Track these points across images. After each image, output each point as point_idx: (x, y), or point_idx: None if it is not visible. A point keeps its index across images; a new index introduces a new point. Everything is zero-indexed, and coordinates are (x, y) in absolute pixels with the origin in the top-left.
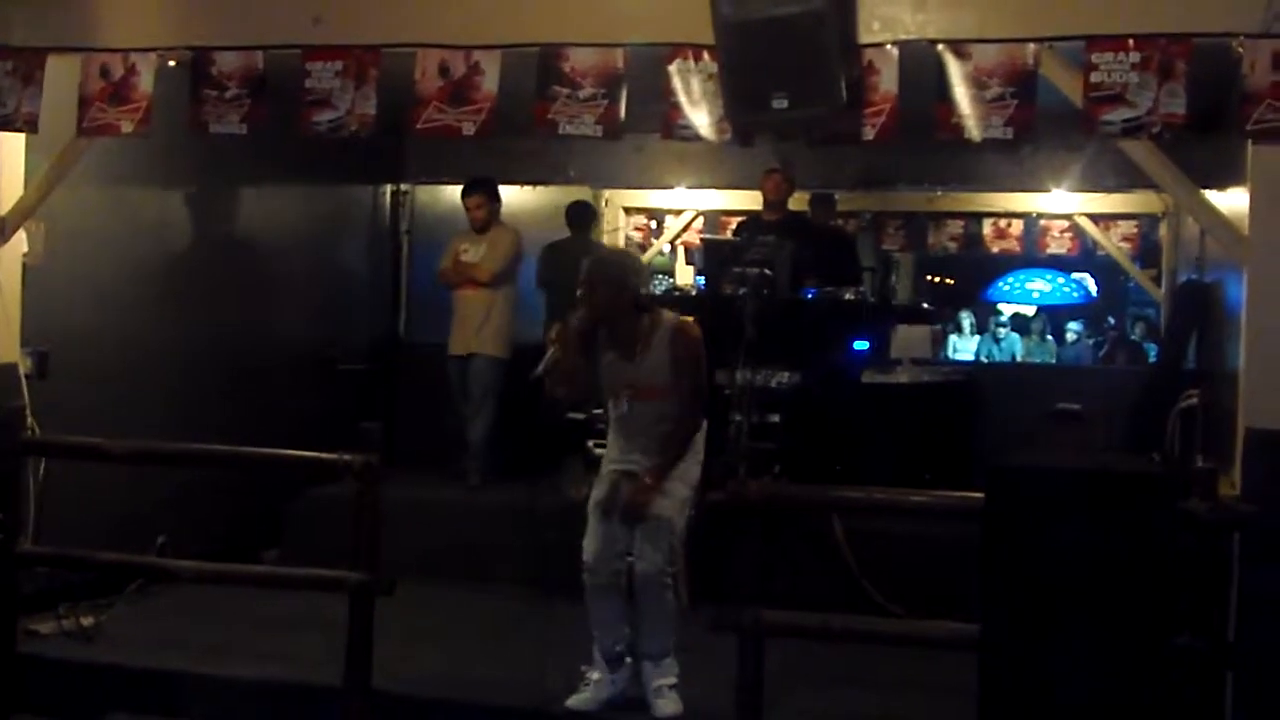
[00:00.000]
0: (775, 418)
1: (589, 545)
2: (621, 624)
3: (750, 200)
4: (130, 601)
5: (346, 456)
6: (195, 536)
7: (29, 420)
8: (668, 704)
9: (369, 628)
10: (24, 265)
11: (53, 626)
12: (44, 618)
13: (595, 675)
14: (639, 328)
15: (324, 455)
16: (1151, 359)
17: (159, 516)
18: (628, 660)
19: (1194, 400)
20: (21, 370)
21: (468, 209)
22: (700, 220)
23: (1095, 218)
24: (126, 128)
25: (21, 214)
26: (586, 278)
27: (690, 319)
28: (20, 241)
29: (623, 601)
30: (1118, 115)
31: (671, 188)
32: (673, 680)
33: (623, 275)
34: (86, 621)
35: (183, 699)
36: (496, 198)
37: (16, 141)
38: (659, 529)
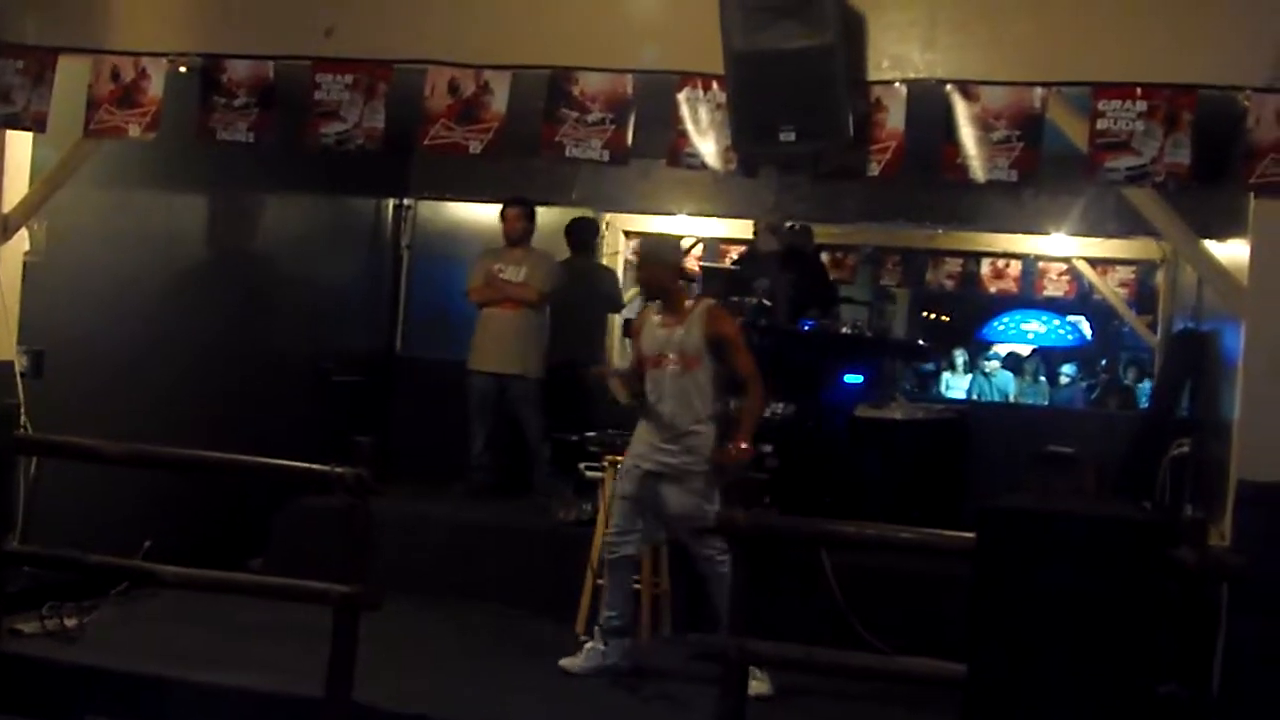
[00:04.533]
0: (768, 448)
1: (613, 523)
2: (624, 602)
3: (751, 229)
4: (115, 604)
5: (338, 469)
6: (182, 541)
7: (22, 418)
8: (756, 684)
9: (353, 641)
10: (25, 263)
11: (36, 626)
12: (28, 617)
13: (589, 645)
14: (684, 301)
15: (316, 466)
16: (1142, 404)
17: (147, 520)
18: (623, 639)
19: (1185, 449)
20: (17, 368)
21: (507, 219)
22: (700, 247)
23: (1093, 262)
24: (134, 131)
25: (25, 212)
26: (643, 257)
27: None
28: (22, 240)
29: (628, 581)
30: (1122, 163)
31: (674, 214)
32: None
33: (673, 253)
34: (70, 622)
35: (163, 704)
36: (534, 217)
37: (24, 140)
38: (704, 525)
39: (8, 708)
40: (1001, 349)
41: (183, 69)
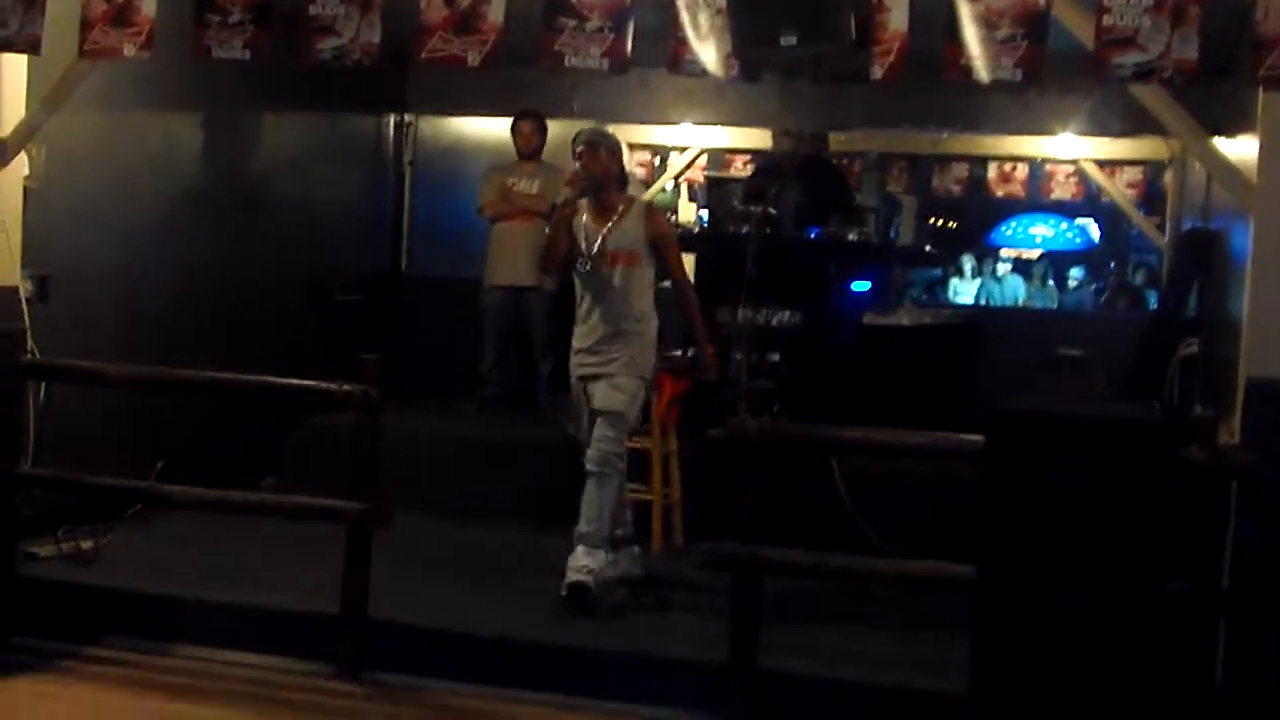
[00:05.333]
0: (775, 357)
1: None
2: (620, 509)
3: (755, 138)
4: (129, 526)
5: (346, 387)
6: (194, 462)
7: (29, 343)
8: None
9: (366, 557)
10: (25, 188)
11: (51, 549)
12: (43, 540)
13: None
14: (620, 197)
15: (324, 385)
16: (1152, 305)
17: (159, 441)
18: (633, 548)
19: (1194, 348)
20: (22, 293)
21: (521, 133)
22: (705, 157)
23: (1101, 163)
24: (129, 51)
25: (23, 136)
26: (588, 143)
27: None
28: (21, 164)
29: (616, 489)
30: (1129, 59)
31: (676, 124)
32: (593, 565)
33: (618, 145)
34: (85, 545)
35: (178, 623)
36: (546, 130)
37: (18, 63)
38: (613, 420)
39: (26, 630)
40: (1009, 253)
41: None
